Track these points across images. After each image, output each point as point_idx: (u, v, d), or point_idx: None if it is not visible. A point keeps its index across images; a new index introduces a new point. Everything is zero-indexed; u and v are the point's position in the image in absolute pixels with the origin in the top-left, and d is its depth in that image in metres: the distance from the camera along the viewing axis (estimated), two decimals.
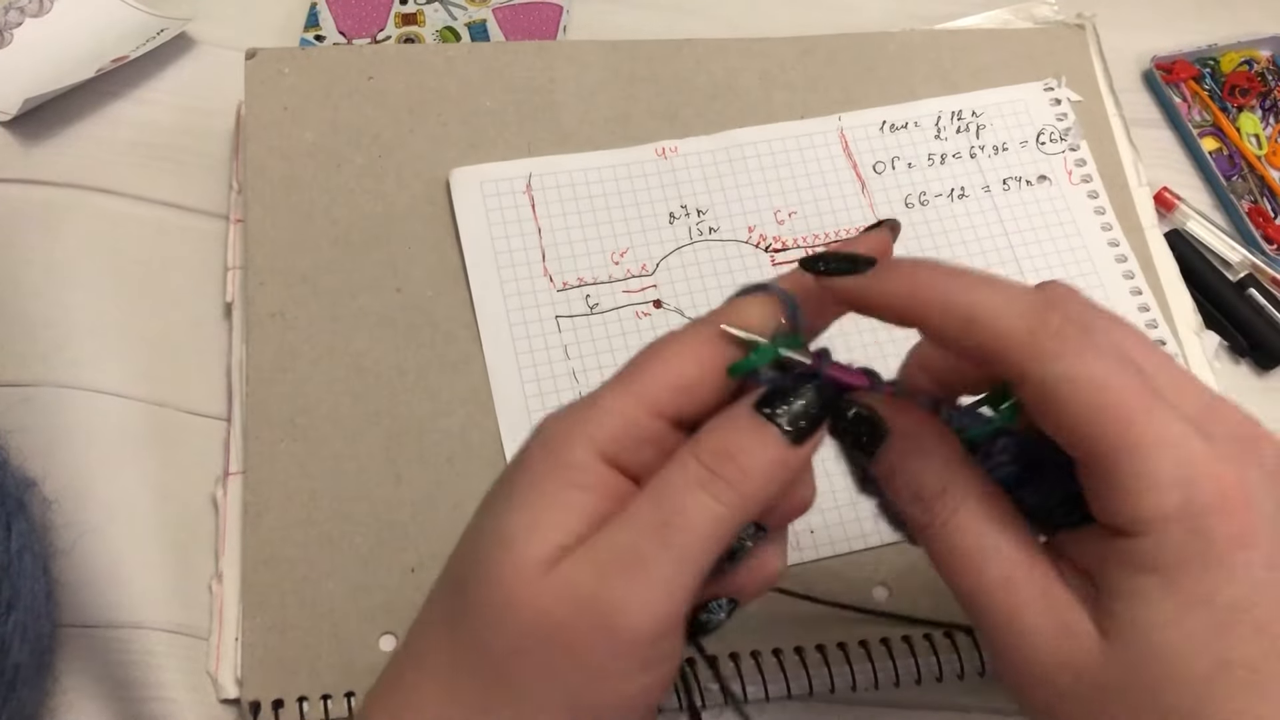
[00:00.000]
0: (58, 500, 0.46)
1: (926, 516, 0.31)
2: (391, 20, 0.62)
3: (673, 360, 0.31)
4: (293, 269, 0.51)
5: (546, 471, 0.30)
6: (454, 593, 0.31)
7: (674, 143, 0.56)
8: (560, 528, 0.29)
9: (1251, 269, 0.59)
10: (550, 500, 0.30)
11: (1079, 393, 0.28)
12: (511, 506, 0.30)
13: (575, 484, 0.30)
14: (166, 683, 0.44)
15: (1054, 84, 0.60)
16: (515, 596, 0.29)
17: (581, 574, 0.28)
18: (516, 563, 0.29)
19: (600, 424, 0.30)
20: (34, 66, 0.58)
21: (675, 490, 0.29)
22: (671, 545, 0.29)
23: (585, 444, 0.30)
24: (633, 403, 0.30)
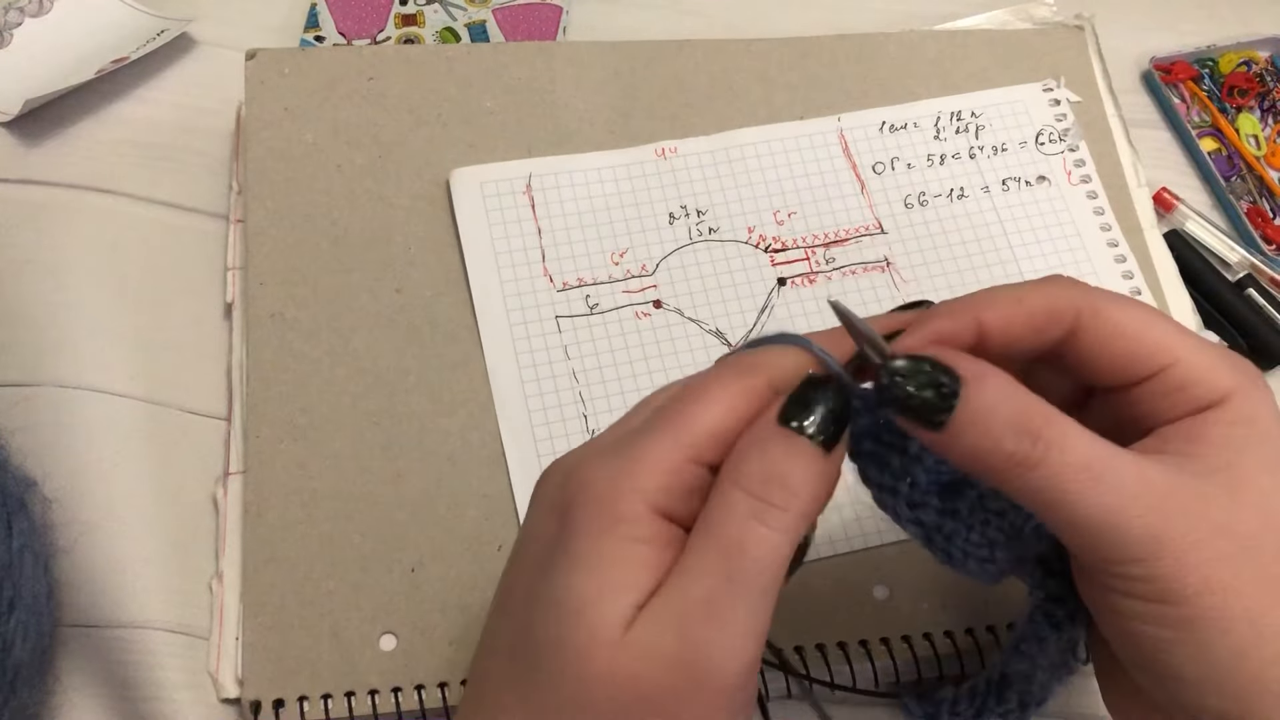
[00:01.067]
0: (58, 499, 0.46)
1: (1040, 445, 0.30)
2: (391, 21, 0.62)
3: (713, 408, 0.31)
4: (293, 269, 0.51)
5: (602, 529, 0.30)
6: (525, 666, 0.31)
7: (674, 143, 0.56)
8: (630, 588, 0.29)
9: (1250, 269, 0.59)
10: (613, 560, 0.29)
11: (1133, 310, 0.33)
12: (574, 569, 0.30)
13: (634, 539, 0.29)
14: (167, 682, 0.44)
15: (1053, 85, 0.60)
16: (598, 665, 0.29)
17: (663, 633, 0.28)
18: (593, 631, 0.29)
19: (648, 476, 0.30)
20: (34, 67, 0.58)
21: (732, 529, 0.29)
22: (742, 587, 0.29)
23: (636, 498, 0.30)
24: (677, 453, 0.30)
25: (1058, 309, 0.33)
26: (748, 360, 0.32)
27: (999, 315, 0.33)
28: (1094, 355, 0.33)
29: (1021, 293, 0.33)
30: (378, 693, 0.44)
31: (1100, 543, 0.31)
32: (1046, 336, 0.33)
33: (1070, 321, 0.33)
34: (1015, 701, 0.39)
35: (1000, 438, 0.30)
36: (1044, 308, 0.33)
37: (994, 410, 0.30)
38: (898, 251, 0.55)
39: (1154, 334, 0.33)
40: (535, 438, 0.49)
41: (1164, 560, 0.30)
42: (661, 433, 0.30)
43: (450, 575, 0.46)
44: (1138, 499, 0.30)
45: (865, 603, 0.47)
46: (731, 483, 0.30)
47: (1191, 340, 0.33)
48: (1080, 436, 0.31)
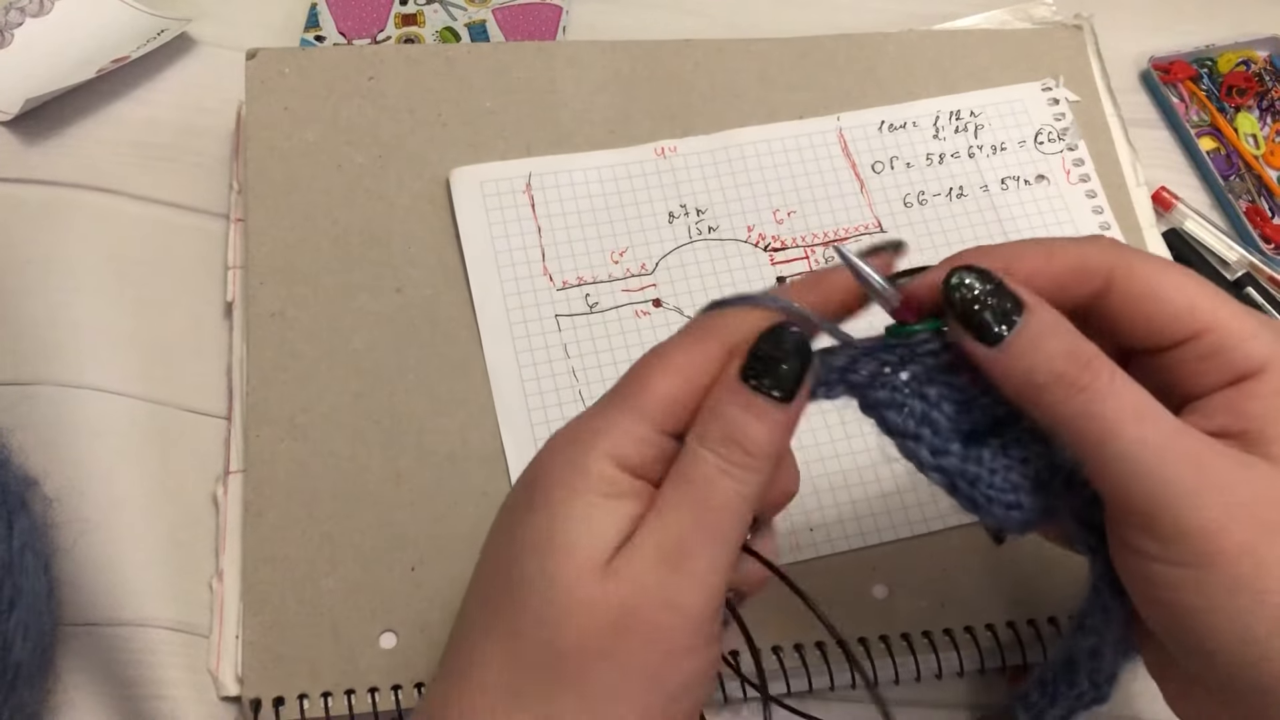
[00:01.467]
0: (59, 498, 0.46)
1: (1088, 374, 0.31)
2: (391, 21, 0.62)
3: (670, 377, 0.32)
4: (293, 268, 0.51)
5: (577, 485, 0.32)
6: (505, 605, 0.32)
7: (673, 142, 0.56)
8: (611, 530, 0.31)
9: (1249, 268, 0.59)
10: (590, 506, 0.31)
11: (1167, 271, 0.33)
12: (554, 516, 0.31)
13: (611, 494, 0.31)
14: (167, 680, 0.44)
15: (1052, 84, 0.61)
16: (583, 595, 0.30)
17: (641, 566, 0.31)
18: (579, 565, 0.31)
19: (613, 440, 0.32)
20: (34, 67, 0.58)
21: (700, 482, 0.31)
22: (711, 531, 0.31)
23: (605, 458, 0.32)
24: (640, 422, 0.32)
25: (1088, 267, 0.33)
26: (703, 325, 0.33)
27: (1026, 267, 0.33)
28: (1127, 316, 0.33)
29: (1053, 248, 0.34)
30: (378, 690, 0.44)
31: (1135, 486, 0.31)
32: (1074, 293, 0.33)
33: (1101, 280, 0.33)
34: (1086, 682, 0.38)
35: (1052, 358, 0.31)
36: (1074, 265, 0.33)
37: (1051, 333, 0.31)
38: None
39: (1188, 297, 0.32)
40: (535, 437, 0.49)
41: (1201, 514, 0.30)
42: (625, 402, 0.32)
43: (450, 573, 0.46)
44: (1178, 442, 0.31)
45: (865, 602, 0.47)
46: (698, 441, 0.32)
47: (1229, 307, 0.33)
48: (1126, 377, 0.31)
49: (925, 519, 0.49)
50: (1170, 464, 0.30)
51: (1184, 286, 0.33)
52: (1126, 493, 0.31)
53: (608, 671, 0.30)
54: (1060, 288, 0.33)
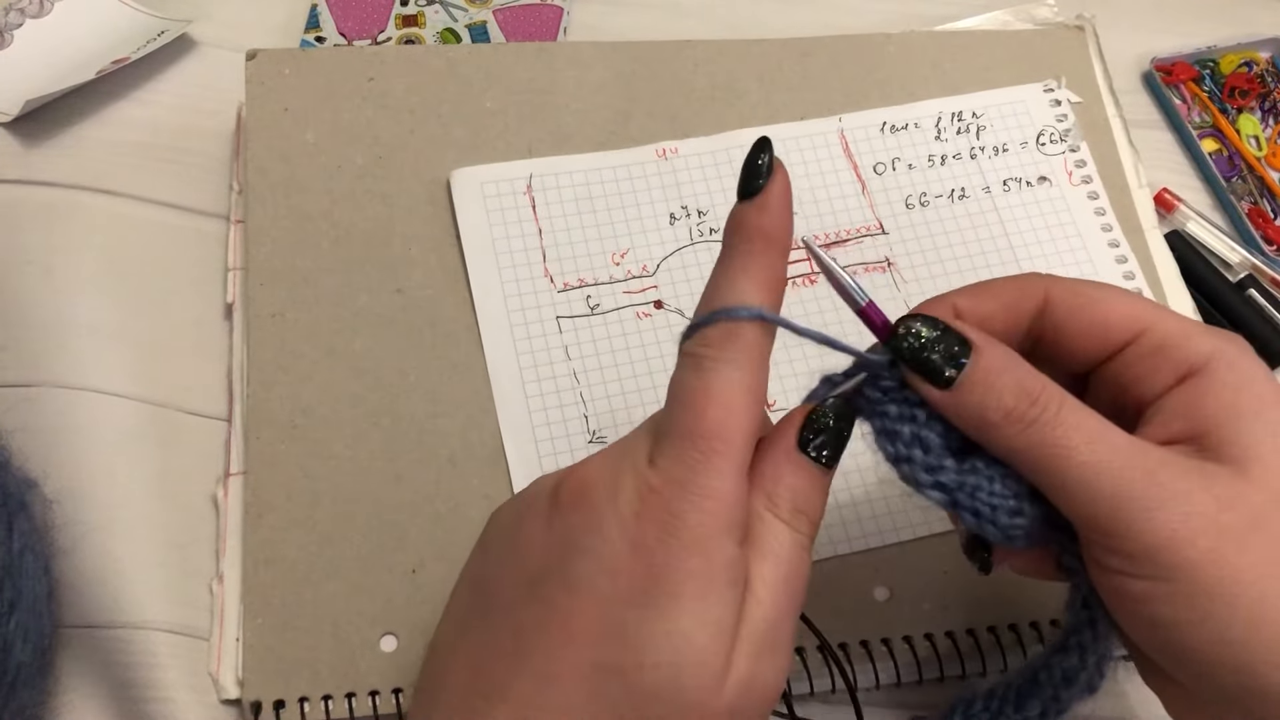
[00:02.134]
0: (58, 500, 0.46)
1: (1037, 408, 0.32)
2: (392, 22, 0.62)
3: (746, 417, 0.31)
4: (293, 270, 0.51)
5: (710, 574, 0.30)
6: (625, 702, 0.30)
7: (674, 144, 0.56)
8: (730, 625, 0.30)
9: (1251, 270, 0.59)
10: (720, 604, 0.30)
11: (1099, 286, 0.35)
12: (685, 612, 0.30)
13: (732, 580, 0.31)
14: (167, 683, 0.44)
15: (1054, 85, 0.60)
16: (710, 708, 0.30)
17: (749, 665, 0.31)
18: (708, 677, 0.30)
19: (731, 513, 0.31)
20: (34, 68, 0.58)
21: (786, 560, 0.32)
22: (797, 607, 0.32)
23: (729, 539, 0.31)
24: (739, 476, 0.31)
25: (1026, 288, 0.35)
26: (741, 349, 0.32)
27: (971, 299, 0.35)
28: (1071, 326, 0.34)
29: (991, 281, 0.36)
30: (378, 694, 0.44)
31: (1094, 508, 0.31)
32: (1018, 313, 0.35)
33: (1040, 298, 0.35)
34: (1039, 709, 0.38)
35: (1002, 395, 0.32)
36: (1013, 287, 0.36)
37: (999, 371, 0.33)
38: (899, 252, 0.55)
39: (1122, 304, 0.35)
40: (536, 438, 0.49)
41: (1159, 529, 0.31)
42: (718, 457, 0.31)
43: (451, 576, 0.45)
44: (1130, 461, 0.31)
45: (866, 604, 0.47)
46: (775, 516, 0.32)
47: (1162, 310, 0.35)
48: (1076, 404, 0.33)
49: (927, 521, 0.48)
50: (1125, 482, 0.31)
51: (1120, 296, 0.35)
52: (1088, 515, 0.32)
53: None
54: (1006, 308, 0.35)
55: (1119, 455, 0.31)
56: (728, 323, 0.32)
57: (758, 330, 0.32)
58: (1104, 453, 0.31)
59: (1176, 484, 0.31)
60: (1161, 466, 0.31)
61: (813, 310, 0.53)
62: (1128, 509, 0.31)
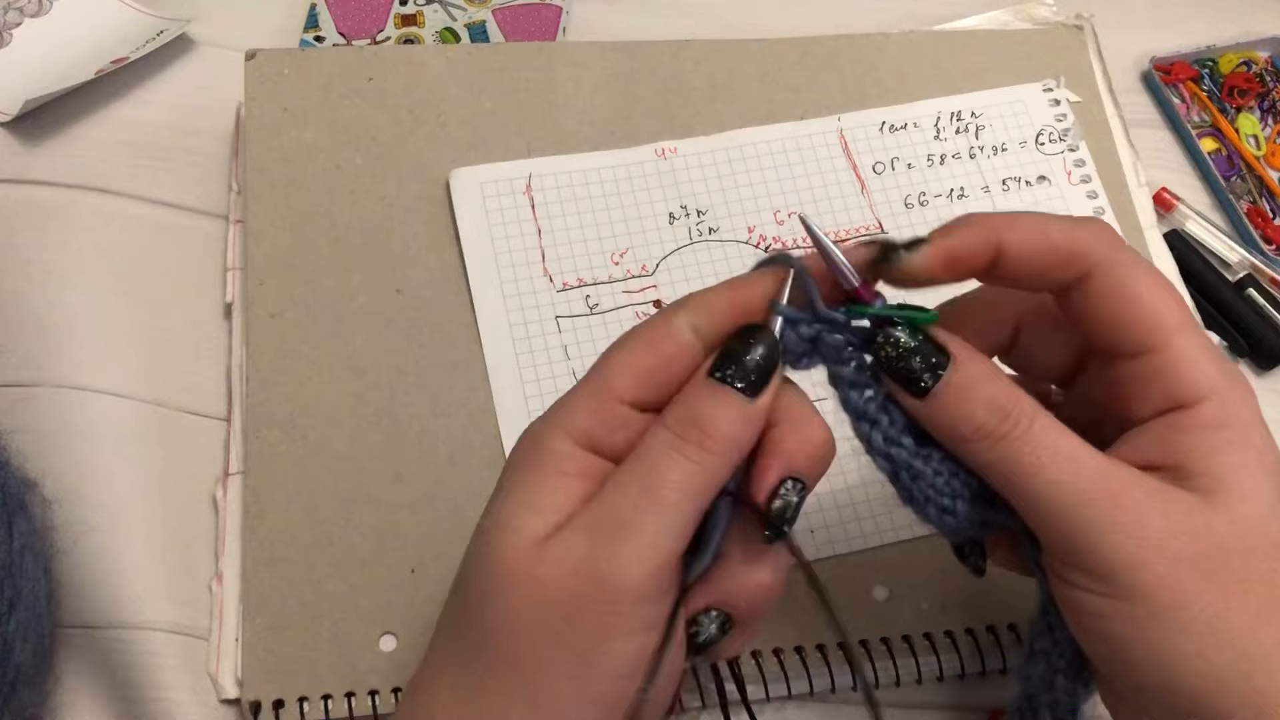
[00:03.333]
0: (58, 500, 0.46)
1: (1008, 424, 0.32)
2: (391, 21, 0.62)
3: (632, 351, 0.33)
4: (292, 269, 0.51)
5: (533, 463, 0.33)
6: (457, 590, 0.33)
7: (673, 143, 0.56)
8: (552, 507, 0.32)
9: (1250, 269, 0.59)
10: (539, 485, 0.32)
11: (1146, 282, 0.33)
12: (504, 497, 0.33)
13: (561, 470, 0.32)
14: (167, 683, 0.44)
15: (1053, 85, 0.60)
16: (513, 571, 0.31)
17: (574, 542, 0.31)
18: (514, 542, 0.31)
19: (573, 415, 0.33)
20: (34, 67, 0.58)
21: (650, 457, 0.32)
22: (653, 504, 0.31)
23: (562, 434, 0.32)
24: (600, 393, 0.33)
25: (1077, 252, 0.33)
26: (672, 305, 0.34)
27: (1021, 239, 0.34)
28: (1093, 310, 0.34)
29: (1048, 226, 0.34)
30: (378, 693, 0.44)
31: (1057, 524, 0.32)
32: (1059, 275, 0.34)
33: (1084, 268, 0.33)
34: (1049, 716, 0.38)
35: (975, 410, 0.32)
36: (1065, 247, 0.34)
37: (974, 385, 0.33)
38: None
39: (1154, 311, 0.33)
40: None
41: (1119, 550, 0.31)
42: (588, 381, 0.33)
43: (450, 576, 0.45)
44: (1095, 482, 0.31)
45: (865, 603, 0.47)
46: (659, 422, 0.32)
47: (1188, 332, 0.33)
48: (1047, 422, 0.32)
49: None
50: (1087, 503, 0.31)
51: (1154, 299, 0.33)
52: (1051, 530, 0.32)
53: (541, 650, 0.31)
54: (1049, 267, 0.34)
55: (1084, 475, 0.32)
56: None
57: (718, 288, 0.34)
58: (1069, 472, 0.32)
59: (1139, 508, 0.31)
60: (1126, 489, 0.32)
61: None
62: (1088, 529, 0.31)
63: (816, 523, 0.48)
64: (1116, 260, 0.33)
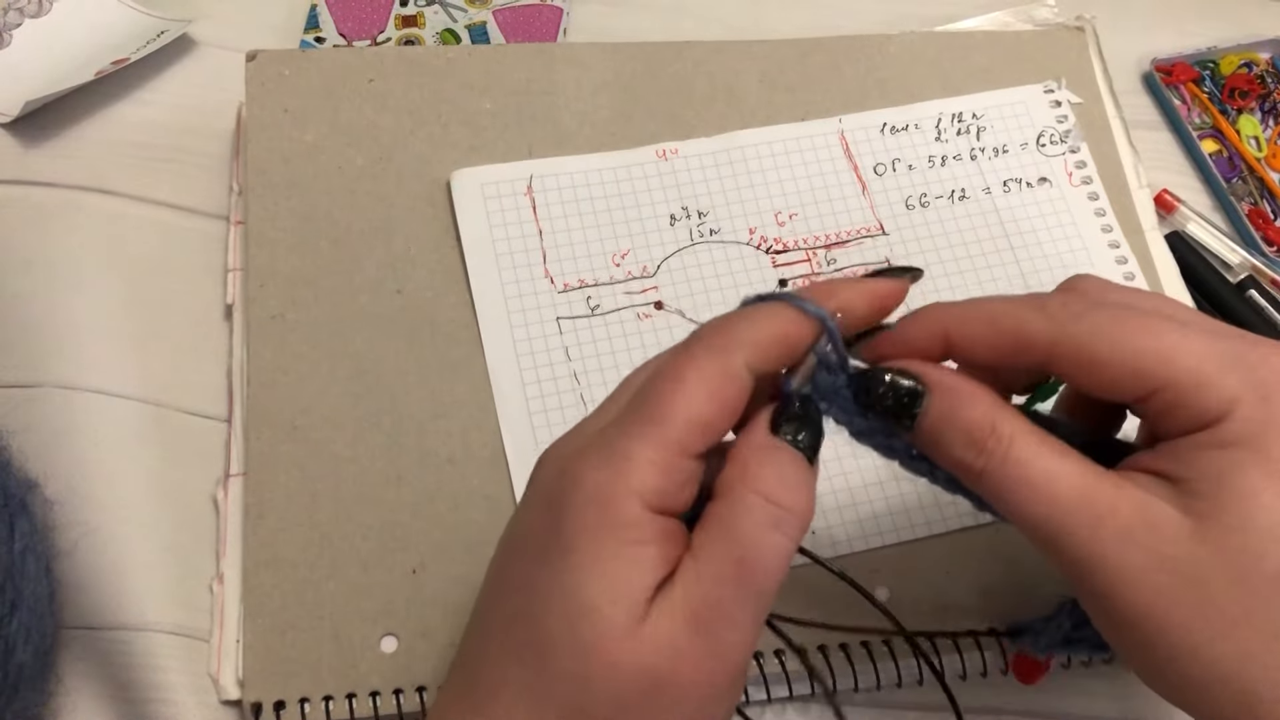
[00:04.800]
0: (59, 501, 0.46)
1: (983, 458, 0.32)
2: (392, 22, 0.62)
3: (694, 398, 0.31)
4: (293, 271, 0.51)
5: (606, 532, 0.30)
6: (530, 658, 0.31)
7: (674, 144, 0.56)
8: (638, 585, 0.30)
9: (1252, 271, 0.59)
10: (619, 560, 0.30)
11: (1108, 336, 0.32)
12: (581, 569, 0.30)
13: (637, 540, 0.30)
14: (168, 684, 0.44)
15: (1054, 86, 0.60)
16: (614, 660, 0.29)
17: (672, 628, 0.30)
18: (610, 629, 0.30)
19: (641, 477, 0.30)
20: (34, 68, 0.58)
21: (748, 534, 0.30)
22: (754, 590, 0.30)
23: (634, 500, 0.30)
24: (667, 450, 0.31)
25: (1028, 341, 0.33)
26: (721, 338, 0.32)
27: (967, 333, 0.34)
28: (1075, 382, 0.33)
29: (996, 316, 0.33)
30: (379, 694, 0.43)
31: (1044, 550, 0.32)
32: (1017, 362, 0.33)
33: (1042, 353, 0.33)
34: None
35: (950, 446, 0.33)
36: (1012, 337, 0.33)
37: (947, 420, 0.33)
38: (899, 253, 0.55)
39: (1139, 357, 0.31)
40: (536, 439, 0.49)
41: (1098, 580, 0.31)
42: (648, 427, 0.31)
43: (452, 576, 0.46)
44: (1072, 516, 0.31)
45: (867, 604, 0.47)
46: (746, 488, 0.31)
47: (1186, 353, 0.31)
48: (1027, 449, 0.32)
49: (928, 522, 0.48)
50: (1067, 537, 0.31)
51: (1132, 348, 0.32)
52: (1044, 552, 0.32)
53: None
54: (1003, 356, 0.33)
55: (1061, 511, 0.31)
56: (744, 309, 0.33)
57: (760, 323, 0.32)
58: (1045, 509, 0.31)
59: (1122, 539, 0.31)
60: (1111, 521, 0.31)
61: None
62: (1070, 564, 0.32)
63: (818, 524, 0.48)
64: (1074, 335, 0.32)
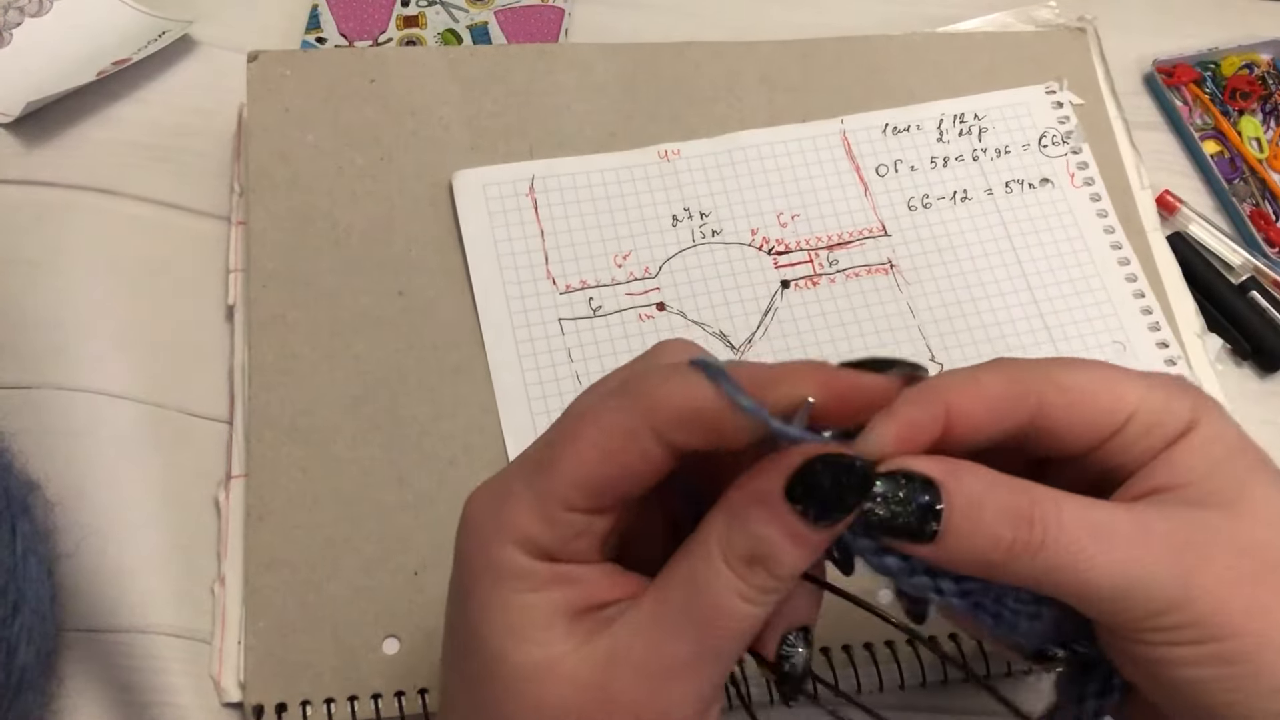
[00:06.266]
0: (60, 503, 0.46)
1: (1039, 530, 0.29)
2: (393, 23, 0.62)
3: (588, 457, 0.29)
4: (294, 271, 0.51)
5: (491, 578, 0.29)
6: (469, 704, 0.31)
7: (676, 145, 0.56)
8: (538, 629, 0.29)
9: (1253, 271, 0.59)
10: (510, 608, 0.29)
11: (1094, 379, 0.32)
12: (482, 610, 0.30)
13: (526, 589, 0.29)
14: (170, 686, 0.44)
15: (1056, 87, 0.60)
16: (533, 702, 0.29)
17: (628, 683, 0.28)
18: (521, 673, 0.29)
19: (522, 526, 0.29)
20: (35, 68, 0.58)
21: (711, 602, 0.28)
22: (714, 655, 0.29)
23: (512, 548, 0.29)
24: (548, 503, 0.29)
25: (1019, 392, 0.31)
26: (633, 391, 0.29)
27: (964, 399, 0.31)
28: (1064, 424, 0.31)
29: (980, 379, 0.31)
30: (381, 696, 0.43)
31: (1125, 604, 0.30)
32: (1011, 420, 0.31)
33: (1034, 403, 0.31)
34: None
35: (995, 530, 0.29)
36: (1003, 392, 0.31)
37: (982, 504, 0.29)
38: (901, 254, 0.55)
39: (1112, 390, 0.31)
40: None
41: (1198, 601, 0.29)
42: (535, 475, 0.29)
43: None
44: (1150, 549, 0.29)
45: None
46: (717, 553, 0.29)
47: (1145, 382, 0.32)
48: (1072, 504, 0.30)
49: None
50: (1153, 572, 0.29)
51: (1105, 381, 0.31)
52: (1118, 614, 0.30)
53: None
54: (1000, 417, 0.31)
55: (1137, 550, 0.29)
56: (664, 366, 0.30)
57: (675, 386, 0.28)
58: (1121, 554, 0.29)
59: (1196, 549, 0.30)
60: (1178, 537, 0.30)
61: (815, 313, 0.53)
62: (1162, 598, 0.29)
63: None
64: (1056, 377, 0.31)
